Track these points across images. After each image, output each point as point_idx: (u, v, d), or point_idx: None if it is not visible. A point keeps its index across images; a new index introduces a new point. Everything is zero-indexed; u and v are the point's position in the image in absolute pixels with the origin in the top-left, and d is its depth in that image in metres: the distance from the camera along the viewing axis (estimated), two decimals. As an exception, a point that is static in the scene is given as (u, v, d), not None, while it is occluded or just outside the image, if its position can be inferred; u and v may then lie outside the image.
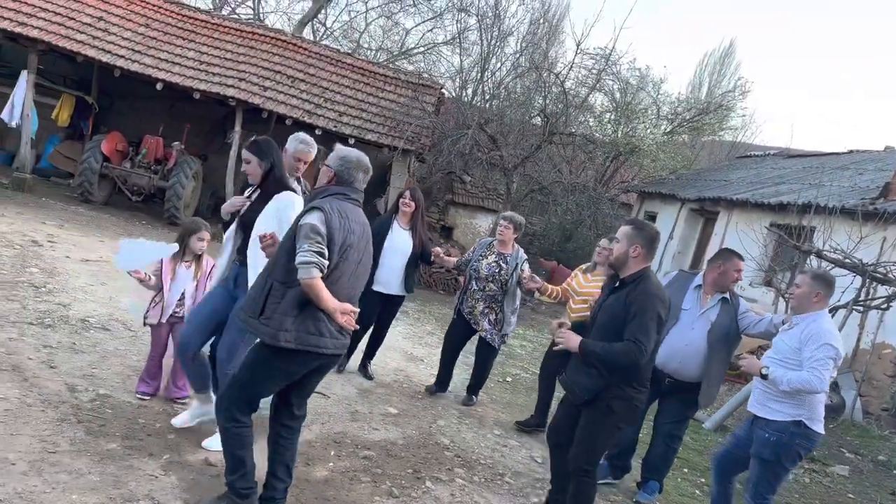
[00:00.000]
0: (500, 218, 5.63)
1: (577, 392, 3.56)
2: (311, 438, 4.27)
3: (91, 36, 11.43)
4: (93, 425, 3.67)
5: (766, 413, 3.79)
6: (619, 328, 3.42)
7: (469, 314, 5.49)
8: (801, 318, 3.83)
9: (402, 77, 13.64)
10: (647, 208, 16.29)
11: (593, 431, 3.54)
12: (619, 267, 3.58)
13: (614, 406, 3.48)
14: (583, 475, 3.57)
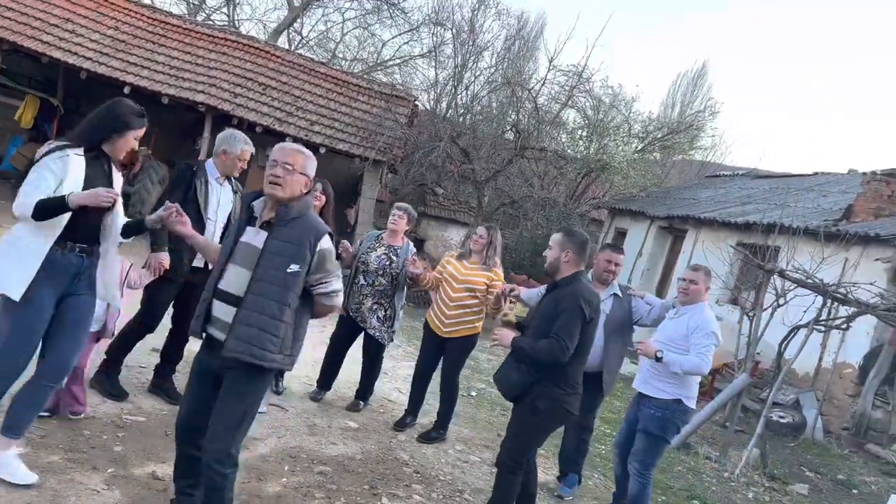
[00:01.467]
0: (395, 207, 5.31)
1: (505, 387, 3.71)
2: (266, 452, 4.16)
3: (58, 37, 11.22)
4: (34, 436, 3.52)
5: (651, 391, 4.23)
6: (549, 329, 3.55)
7: (356, 311, 5.14)
8: (687, 308, 4.29)
9: (376, 88, 13.61)
10: (617, 225, 16.41)
11: (519, 429, 3.66)
12: (553, 272, 3.75)
13: (540, 405, 3.58)
14: (507, 471, 3.69)
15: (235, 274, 2.85)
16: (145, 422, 4.11)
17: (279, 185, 2.83)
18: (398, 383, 6.43)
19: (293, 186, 2.87)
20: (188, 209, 3.97)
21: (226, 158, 4.29)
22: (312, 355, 6.16)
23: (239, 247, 2.89)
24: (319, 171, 7.14)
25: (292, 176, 2.86)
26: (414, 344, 8.41)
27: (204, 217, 4.19)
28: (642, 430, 4.22)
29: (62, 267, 3.04)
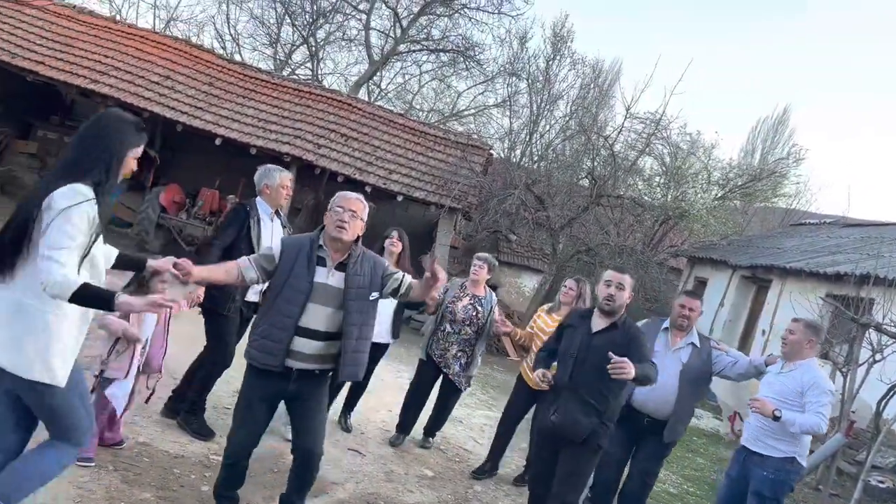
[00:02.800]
0: (475, 258, 5.45)
1: (575, 430, 3.64)
2: (345, 497, 4.20)
3: (158, 94, 12.03)
4: (129, 474, 3.69)
5: (762, 449, 4.08)
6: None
7: (440, 357, 5.27)
8: (797, 365, 4.16)
9: (452, 137, 13.89)
10: (697, 273, 15.96)
11: (581, 469, 3.73)
12: (618, 311, 3.75)
13: (602, 443, 3.70)
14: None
15: (316, 312, 3.19)
16: (231, 462, 4.23)
17: (345, 230, 3.21)
18: (473, 432, 6.39)
19: (355, 230, 3.25)
20: (242, 245, 4.26)
21: (270, 191, 4.48)
22: (385, 400, 6.24)
23: (316, 288, 3.18)
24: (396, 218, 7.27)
25: (355, 221, 3.24)
26: (488, 392, 8.37)
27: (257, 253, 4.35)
28: (755, 493, 4.07)
29: None
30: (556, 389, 3.70)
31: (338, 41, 24.77)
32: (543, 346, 4.16)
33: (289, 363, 3.18)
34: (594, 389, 3.63)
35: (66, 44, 12.50)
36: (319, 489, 4.20)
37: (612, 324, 3.73)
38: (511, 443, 5.39)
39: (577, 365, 3.69)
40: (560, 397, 3.68)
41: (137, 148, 2.61)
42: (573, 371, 3.69)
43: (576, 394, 3.65)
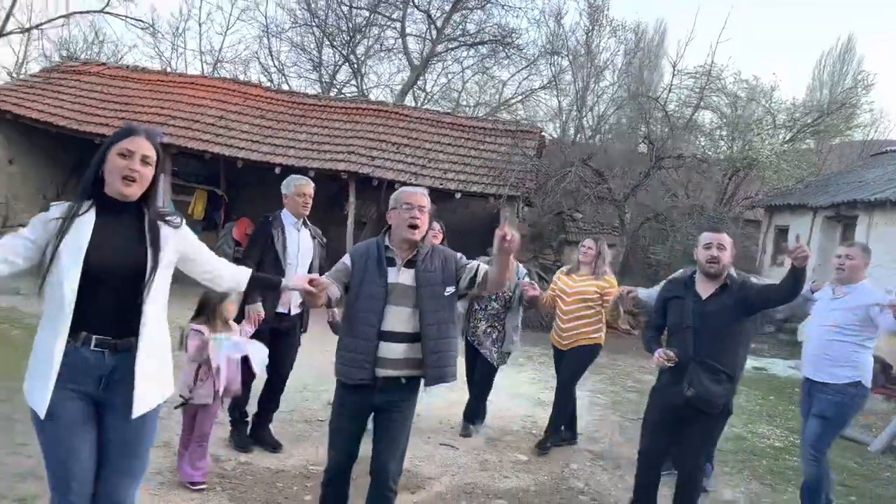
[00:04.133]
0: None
1: (710, 401, 3.55)
2: (442, 490, 4.28)
3: (214, 135, 12.54)
4: (235, 492, 3.88)
5: (825, 378, 4.07)
6: (735, 324, 3.59)
7: (472, 335, 5.32)
8: (852, 288, 4.13)
9: (501, 126, 13.88)
10: (776, 222, 15.33)
11: (715, 434, 3.77)
12: (723, 273, 3.64)
13: (731, 407, 3.66)
14: (699, 473, 3.76)
15: (396, 314, 3.06)
16: (329, 470, 4.38)
17: (418, 228, 3.10)
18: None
19: (425, 225, 3.16)
20: (268, 259, 4.31)
21: (288, 200, 4.53)
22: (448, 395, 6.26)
23: (391, 288, 3.06)
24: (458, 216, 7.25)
25: (424, 216, 3.14)
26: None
27: (283, 263, 4.37)
28: (817, 415, 4.08)
29: (76, 366, 2.25)
30: (680, 364, 3.58)
31: (377, 54, 25.09)
32: (648, 325, 4.08)
33: (378, 372, 3.04)
34: (720, 355, 3.56)
35: (126, 102, 13.20)
36: (416, 485, 4.31)
37: (721, 286, 3.63)
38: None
39: (696, 335, 3.59)
40: (688, 371, 3.56)
41: (120, 143, 2.32)
42: (695, 342, 3.59)
43: (704, 364, 3.54)
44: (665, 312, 3.81)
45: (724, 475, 5.05)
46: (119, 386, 2.30)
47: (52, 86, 13.44)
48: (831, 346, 4.06)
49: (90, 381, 2.28)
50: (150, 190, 2.38)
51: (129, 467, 2.37)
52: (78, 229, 2.24)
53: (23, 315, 7.62)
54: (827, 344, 4.09)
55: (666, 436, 3.78)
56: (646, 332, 4.04)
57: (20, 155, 12.55)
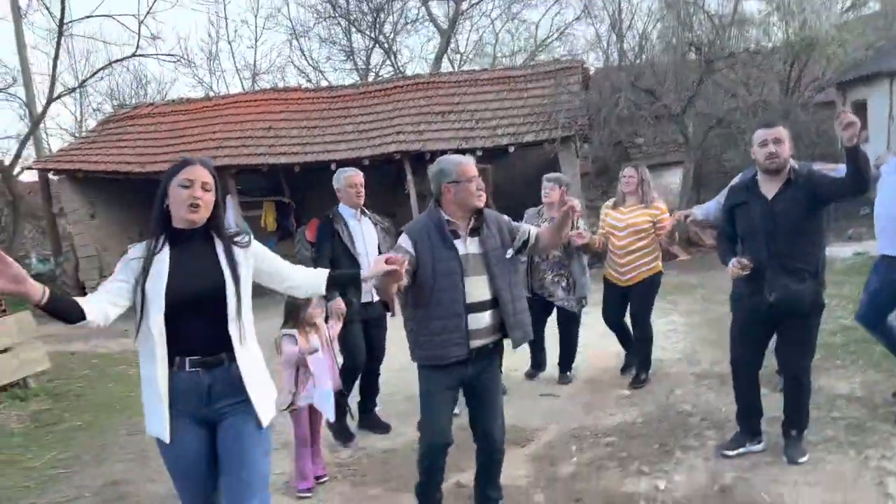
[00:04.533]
0: (544, 180, 5.22)
1: (800, 303, 3.44)
2: (551, 439, 4.35)
3: (267, 146, 12.88)
4: (355, 478, 4.08)
5: None
6: (808, 219, 3.41)
7: (541, 288, 5.18)
8: None
9: (541, 69, 13.60)
10: (851, 98, 14.39)
11: (811, 334, 3.58)
12: (785, 167, 3.45)
13: (823, 302, 3.55)
14: (805, 378, 3.63)
15: (475, 284, 3.10)
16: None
17: (482, 195, 3.18)
18: (659, 341, 6.23)
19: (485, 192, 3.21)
20: (340, 253, 4.37)
21: (342, 194, 4.56)
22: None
23: (464, 260, 3.08)
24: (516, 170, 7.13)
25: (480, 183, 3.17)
26: (664, 298, 8.15)
27: (355, 254, 4.43)
28: None
29: (180, 390, 2.42)
30: (757, 270, 3.47)
31: (404, 28, 24.95)
32: (719, 236, 3.90)
33: (472, 344, 3.08)
34: (798, 254, 3.43)
35: (179, 136, 13.73)
36: (524, 438, 4.39)
37: (786, 182, 3.46)
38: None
39: (769, 238, 3.46)
40: (767, 276, 3.46)
41: (178, 175, 2.43)
42: (768, 245, 3.46)
43: (782, 266, 3.43)
44: (733, 221, 3.66)
45: (837, 369, 4.90)
46: (222, 400, 2.45)
47: (111, 136, 14.12)
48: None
49: (194, 401, 2.43)
50: (214, 214, 2.50)
51: (249, 477, 2.45)
52: (157, 265, 2.39)
53: (135, 355, 8.14)
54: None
55: (754, 343, 3.71)
56: (718, 244, 3.90)
57: (99, 208, 13.29)
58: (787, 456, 3.57)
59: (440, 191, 3.13)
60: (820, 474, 3.42)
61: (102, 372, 7.41)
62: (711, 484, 3.49)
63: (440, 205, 3.16)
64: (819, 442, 3.76)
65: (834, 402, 4.31)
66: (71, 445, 5.15)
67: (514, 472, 3.91)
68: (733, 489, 3.39)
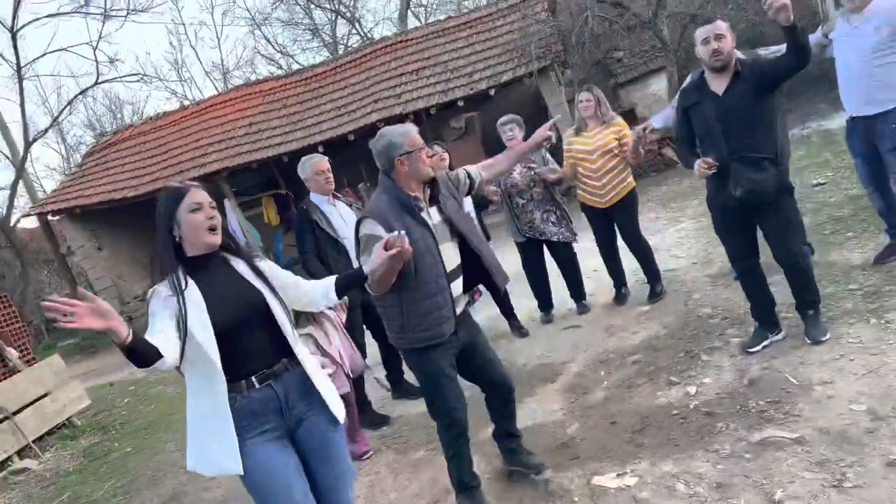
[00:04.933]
0: (500, 125, 5.16)
1: (766, 191, 3.44)
2: (579, 370, 4.40)
3: (251, 142, 12.82)
4: (399, 445, 4.18)
5: (878, 107, 3.94)
6: (761, 107, 3.40)
7: (531, 229, 5.19)
8: (868, 10, 3.91)
9: (505, 4, 13.31)
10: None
11: (790, 216, 3.59)
12: (730, 61, 3.43)
13: (791, 183, 3.57)
14: (800, 259, 3.60)
15: (447, 252, 3.02)
16: (470, 395, 4.56)
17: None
18: (672, 251, 6.29)
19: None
20: (323, 242, 4.32)
21: (310, 183, 4.48)
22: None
23: (434, 231, 2.98)
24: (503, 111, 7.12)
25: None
26: (670, 208, 8.16)
27: (339, 239, 4.39)
28: (893, 149, 3.95)
29: (253, 412, 2.35)
30: (721, 167, 3.50)
31: (362, -8, 24.47)
32: (677, 139, 3.89)
33: (457, 312, 3.04)
34: (757, 144, 3.42)
35: (163, 151, 13.71)
36: (553, 373, 4.46)
37: (734, 75, 3.44)
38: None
39: (726, 134, 3.47)
40: (731, 171, 3.48)
41: (183, 202, 2.34)
42: (727, 141, 3.47)
43: (743, 159, 3.44)
44: (690, 123, 3.66)
45: (849, 241, 4.87)
46: (298, 405, 2.42)
47: (99, 166, 14.13)
48: (881, 71, 3.89)
49: (273, 416, 2.37)
50: (226, 234, 2.45)
51: (339, 469, 2.50)
52: (190, 301, 2.26)
53: (170, 373, 8.30)
54: (871, 72, 3.92)
55: (740, 238, 3.72)
56: (679, 149, 3.90)
57: (105, 238, 13.39)
58: (809, 337, 3.59)
59: (391, 165, 2.95)
60: (844, 348, 3.44)
61: (141, 396, 7.58)
62: (740, 379, 3.53)
63: (393, 180, 2.98)
64: (839, 316, 3.78)
65: (849, 274, 4.30)
66: (126, 472, 5.32)
67: (549, 408, 3.99)
68: (761, 380, 3.43)
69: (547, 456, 3.40)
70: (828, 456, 2.69)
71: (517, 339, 5.35)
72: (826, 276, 4.33)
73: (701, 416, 3.31)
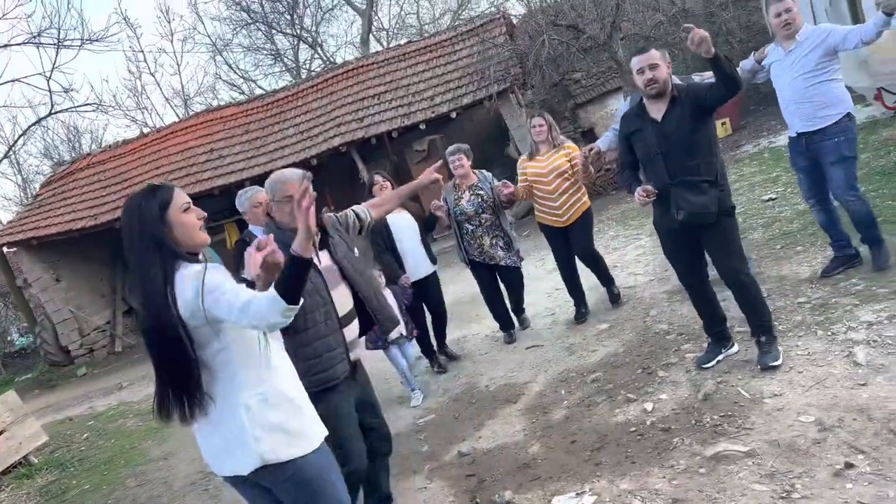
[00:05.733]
0: (448, 154, 5.35)
1: (701, 213, 3.50)
2: (540, 389, 4.44)
3: (213, 168, 12.74)
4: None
5: (818, 124, 4.16)
6: (698, 131, 3.47)
7: (481, 254, 5.35)
8: (801, 36, 4.16)
9: (464, 28, 13.52)
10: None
11: (731, 236, 3.62)
12: (666, 88, 3.50)
13: (731, 204, 3.60)
14: (743, 277, 3.62)
15: (340, 295, 3.03)
16: (435, 417, 4.61)
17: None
18: (630, 268, 6.41)
19: None
20: None
21: (249, 216, 4.51)
22: (541, 287, 6.38)
23: (325, 274, 2.97)
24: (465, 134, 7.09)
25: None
26: (629, 226, 8.31)
27: None
28: (837, 161, 4.16)
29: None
30: (662, 192, 3.58)
31: (324, 18, 24.64)
32: (622, 165, 3.97)
33: (351, 356, 3.07)
34: (695, 167, 3.49)
35: (123, 180, 13.54)
36: (515, 394, 4.48)
37: (670, 101, 3.53)
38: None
39: (666, 159, 3.55)
40: (671, 195, 3.56)
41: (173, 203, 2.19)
42: (667, 166, 3.55)
43: (682, 183, 3.52)
44: (632, 149, 3.74)
45: (798, 255, 5.01)
46: None
47: (57, 196, 13.87)
48: (813, 93, 4.13)
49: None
50: None
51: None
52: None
53: (131, 406, 8.14)
54: (805, 93, 4.16)
55: (686, 259, 3.79)
56: (621, 174, 3.97)
57: (63, 269, 13.11)
58: (760, 363, 3.57)
59: (273, 209, 3.03)
60: (793, 360, 3.53)
61: (101, 431, 7.40)
62: (695, 394, 3.59)
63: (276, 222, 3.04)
64: (788, 329, 3.88)
65: (798, 287, 4.43)
66: (84, 510, 5.18)
67: (511, 429, 4.01)
68: (715, 395, 3.49)
69: (509, 478, 3.42)
70: (777, 468, 2.75)
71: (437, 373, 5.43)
72: (777, 291, 4.45)
73: (658, 433, 3.36)
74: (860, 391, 3.06)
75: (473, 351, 5.63)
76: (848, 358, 3.36)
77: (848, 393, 3.08)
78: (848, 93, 4.23)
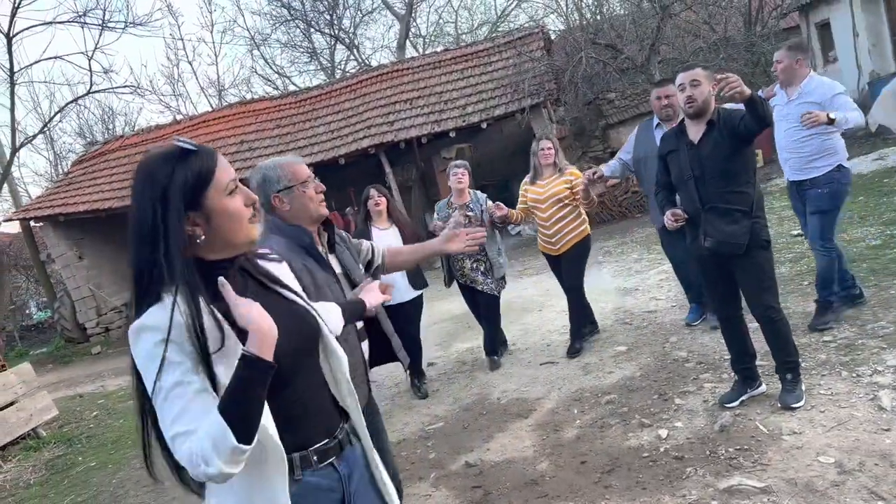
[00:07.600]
0: (451, 167, 5.25)
1: (731, 243, 3.40)
2: (553, 406, 4.39)
3: (242, 160, 12.84)
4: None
5: (808, 174, 4.23)
6: (734, 158, 3.38)
7: (463, 276, 5.28)
8: (801, 86, 4.21)
9: (502, 41, 13.54)
10: (814, 20, 14.33)
11: (763, 270, 3.48)
12: (706, 108, 3.43)
13: (766, 236, 3.46)
14: (774, 314, 3.49)
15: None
16: (444, 425, 4.57)
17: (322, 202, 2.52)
18: (653, 292, 6.34)
19: None
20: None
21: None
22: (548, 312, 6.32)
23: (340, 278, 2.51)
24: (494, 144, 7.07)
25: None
26: (653, 251, 8.22)
27: None
28: (815, 212, 4.25)
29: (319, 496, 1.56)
30: (692, 217, 3.52)
31: (363, 21, 24.83)
32: (657, 184, 3.91)
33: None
34: (729, 194, 3.41)
35: (154, 165, 13.65)
36: (527, 409, 4.43)
37: (708, 123, 3.45)
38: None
39: (698, 183, 3.47)
40: (702, 221, 3.48)
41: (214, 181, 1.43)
42: (699, 190, 3.48)
43: (714, 210, 3.43)
44: (667, 170, 3.67)
45: (826, 293, 4.91)
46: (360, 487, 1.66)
47: (87, 175, 14.07)
48: (802, 145, 4.20)
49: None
50: None
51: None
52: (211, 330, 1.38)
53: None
54: (797, 144, 4.23)
55: (720, 289, 3.66)
56: (656, 195, 3.88)
57: (86, 248, 13.28)
58: (781, 402, 3.48)
59: (271, 204, 2.35)
60: (815, 399, 3.46)
61: (110, 410, 7.45)
62: (711, 424, 3.52)
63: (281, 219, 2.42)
64: (812, 367, 3.81)
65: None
66: (88, 487, 5.20)
67: (520, 444, 3.96)
68: (732, 427, 3.43)
69: (515, 493, 3.38)
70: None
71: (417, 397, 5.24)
72: (802, 327, 4.37)
73: (671, 460, 3.30)
74: (883, 436, 2.99)
75: (484, 363, 5.58)
76: (872, 401, 3.28)
77: (870, 437, 3.00)
78: (843, 144, 4.24)
